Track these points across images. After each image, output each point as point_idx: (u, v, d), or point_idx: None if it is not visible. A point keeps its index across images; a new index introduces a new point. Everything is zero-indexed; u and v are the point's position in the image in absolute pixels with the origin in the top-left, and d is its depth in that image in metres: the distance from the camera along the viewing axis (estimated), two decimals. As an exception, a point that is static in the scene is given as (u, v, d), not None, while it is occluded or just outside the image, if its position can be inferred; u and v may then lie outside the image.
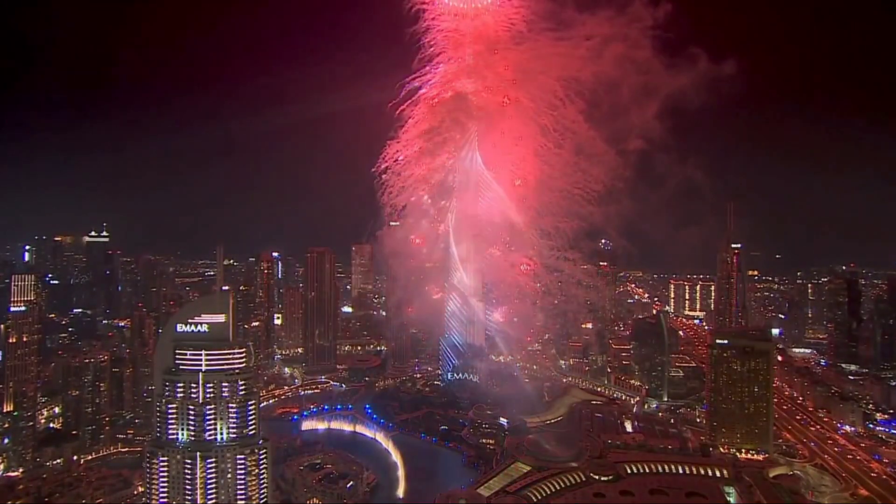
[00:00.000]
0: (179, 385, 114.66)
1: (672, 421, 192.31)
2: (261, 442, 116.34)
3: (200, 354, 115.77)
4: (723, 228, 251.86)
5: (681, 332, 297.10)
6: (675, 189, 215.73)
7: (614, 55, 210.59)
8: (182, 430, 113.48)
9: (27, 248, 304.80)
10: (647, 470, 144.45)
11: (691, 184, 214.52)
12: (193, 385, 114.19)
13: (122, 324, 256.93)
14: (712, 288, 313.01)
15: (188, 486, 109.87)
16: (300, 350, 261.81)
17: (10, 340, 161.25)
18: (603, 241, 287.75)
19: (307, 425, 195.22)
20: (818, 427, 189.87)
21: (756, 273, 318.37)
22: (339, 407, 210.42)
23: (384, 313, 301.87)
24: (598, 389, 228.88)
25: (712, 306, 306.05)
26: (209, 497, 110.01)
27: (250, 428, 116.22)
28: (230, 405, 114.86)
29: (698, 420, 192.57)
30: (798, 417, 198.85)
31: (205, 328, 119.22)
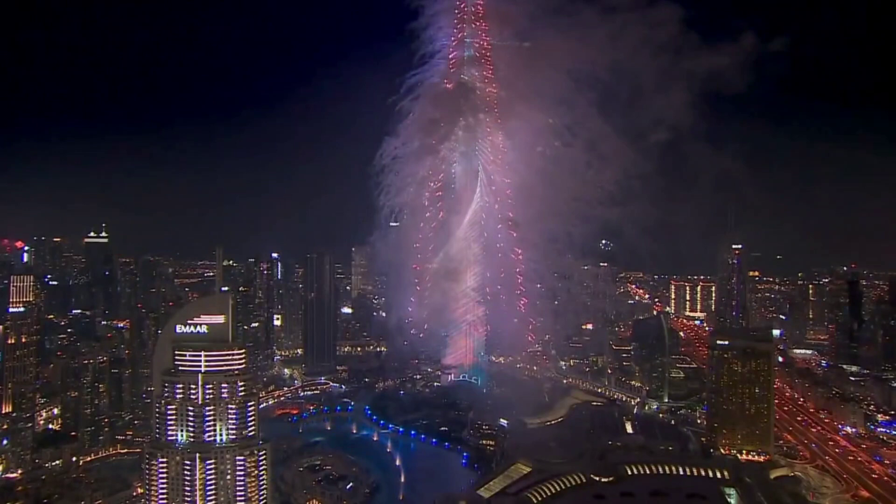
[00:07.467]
0: (178, 386, 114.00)
1: (672, 422, 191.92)
2: (260, 443, 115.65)
3: (200, 355, 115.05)
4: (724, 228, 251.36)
5: (681, 333, 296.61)
6: (676, 189, 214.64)
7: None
8: (181, 431, 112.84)
9: (26, 248, 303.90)
10: (648, 471, 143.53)
11: (691, 183, 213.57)
12: (193, 386, 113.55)
13: (122, 325, 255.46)
14: (713, 289, 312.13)
15: (187, 488, 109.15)
16: (300, 351, 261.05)
17: (9, 341, 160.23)
18: (603, 241, 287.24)
19: (307, 426, 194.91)
20: (819, 428, 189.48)
21: (757, 274, 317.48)
22: (338, 408, 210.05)
23: (384, 314, 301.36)
24: (599, 390, 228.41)
25: (713, 307, 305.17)
26: (208, 499, 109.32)
27: (250, 429, 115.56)
28: (229, 406, 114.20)
29: (699, 421, 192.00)
30: (799, 419, 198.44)
31: (204, 329, 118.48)
